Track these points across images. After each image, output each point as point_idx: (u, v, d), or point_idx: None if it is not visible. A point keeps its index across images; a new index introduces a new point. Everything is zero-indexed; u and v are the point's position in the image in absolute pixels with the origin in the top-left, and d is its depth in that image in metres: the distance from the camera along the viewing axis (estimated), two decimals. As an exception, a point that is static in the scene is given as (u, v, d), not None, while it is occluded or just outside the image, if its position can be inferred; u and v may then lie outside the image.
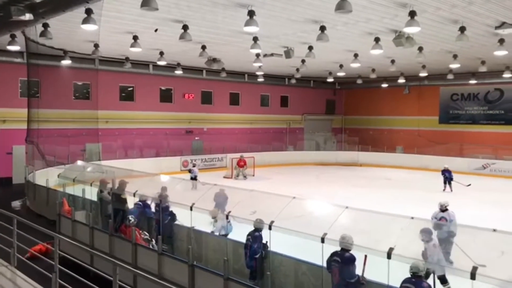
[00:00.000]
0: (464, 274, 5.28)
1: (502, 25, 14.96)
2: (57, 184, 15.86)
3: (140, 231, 10.46)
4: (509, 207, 18.85)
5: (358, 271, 6.75)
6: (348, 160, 33.28)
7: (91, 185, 12.56)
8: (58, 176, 15.08)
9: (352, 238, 6.73)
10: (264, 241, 8.22)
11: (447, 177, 22.09)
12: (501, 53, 17.94)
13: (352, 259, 6.70)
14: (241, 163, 26.87)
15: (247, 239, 8.36)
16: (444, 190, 21.87)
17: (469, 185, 21.53)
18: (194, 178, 21.21)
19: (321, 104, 39.50)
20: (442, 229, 7.65)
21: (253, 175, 27.29)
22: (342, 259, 6.77)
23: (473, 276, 5.26)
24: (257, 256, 8.20)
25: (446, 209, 10.91)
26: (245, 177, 26.61)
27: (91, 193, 12.68)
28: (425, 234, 7.06)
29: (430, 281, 6.18)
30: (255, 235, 8.28)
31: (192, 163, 27.48)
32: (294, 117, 37.42)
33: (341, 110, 40.75)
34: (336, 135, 38.84)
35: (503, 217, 16.83)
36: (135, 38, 17.31)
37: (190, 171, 23.28)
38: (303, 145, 36.67)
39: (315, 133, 37.81)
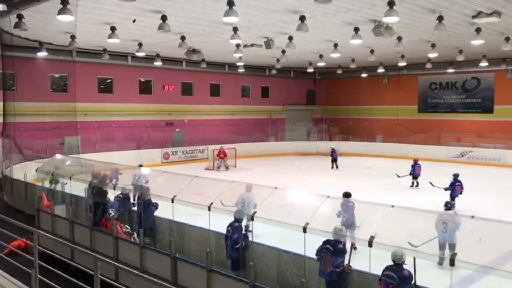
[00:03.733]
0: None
1: (479, 14, 15.16)
2: (35, 178, 15.61)
3: (122, 224, 10.37)
4: (486, 194, 19.26)
5: (345, 260, 6.86)
6: (329, 150, 33.49)
7: (70, 179, 12.38)
8: (36, 170, 14.82)
9: (344, 230, 6.83)
10: (244, 232, 8.24)
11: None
12: (477, 42, 18.19)
13: (344, 251, 6.88)
14: (221, 155, 26.83)
15: (228, 230, 8.40)
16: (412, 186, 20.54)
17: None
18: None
19: (301, 94, 39.59)
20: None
21: (235, 166, 27.28)
22: (335, 249, 6.87)
23: (452, 262, 5.35)
24: (237, 246, 8.24)
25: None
26: (227, 168, 26.59)
27: (71, 187, 12.51)
28: None
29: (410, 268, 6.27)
30: (235, 226, 8.32)
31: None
32: (275, 108, 37.46)
33: (322, 100, 40.93)
34: (317, 125, 39.07)
35: (480, 203, 17.20)
36: (112, 29, 17.03)
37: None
38: (284, 136, 36.79)
39: (296, 123, 37.93)
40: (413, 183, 20.60)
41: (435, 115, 34.29)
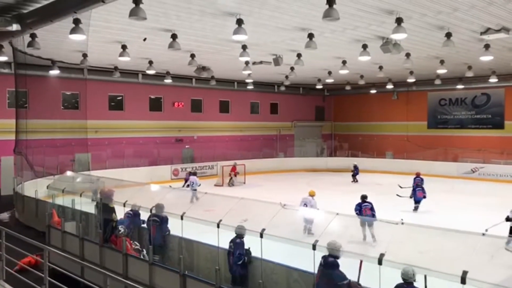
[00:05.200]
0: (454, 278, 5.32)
1: (487, 30, 15.18)
2: (46, 195, 15.71)
3: (131, 241, 10.39)
4: (497, 210, 19.01)
5: (353, 276, 6.80)
6: (338, 166, 33.42)
7: (80, 196, 12.47)
8: (47, 187, 14.95)
9: (338, 243, 6.79)
10: (246, 247, 8.28)
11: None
12: (486, 58, 18.19)
13: (335, 264, 6.83)
14: (235, 170, 27.08)
15: (230, 246, 8.41)
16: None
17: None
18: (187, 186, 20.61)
19: (310, 110, 39.67)
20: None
21: (244, 183, 27.28)
22: (325, 263, 6.91)
23: (463, 281, 5.30)
24: (240, 262, 8.23)
25: None
26: (232, 184, 26.62)
27: (81, 204, 12.59)
28: None
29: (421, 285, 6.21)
30: (237, 242, 8.33)
31: (190, 170, 25.12)
32: (284, 124, 37.52)
33: (331, 117, 40.95)
34: (326, 142, 39.01)
35: (492, 220, 16.96)
36: (123, 47, 17.29)
37: (186, 180, 21.57)
38: (293, 152, 36.78)
39: (305, 140, 37.93)
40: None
41: (445, 131, 34.11)
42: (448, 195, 20.58)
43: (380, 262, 6.00)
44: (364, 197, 14.31)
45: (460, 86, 30.16)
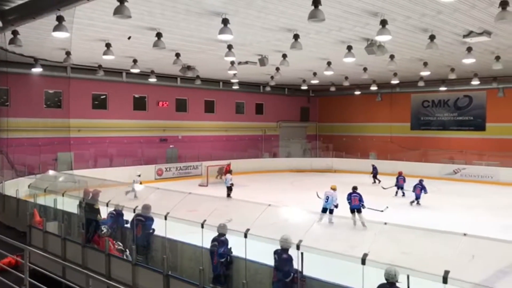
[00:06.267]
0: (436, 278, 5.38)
1: (470, 33, 15.41)
2: (27, 194, 15.48)
3: (114, 242, 10.29)
4: (479, 211, 19.32)
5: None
6: (323, 167, 33.61)
7: (63, 195, 12.31)
8: (29, 186, 14.74)
9: (290, 239, 7.08)
10: (229, 246, 8.30)
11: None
12: (469, 61, 18.43)
13: (289, 259, 7.12)
14: (229, 168, 27.08)
15: (213, 245, 8.39)
16: (396, 194, 22.74)
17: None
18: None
19: (295, 111, 39.81)
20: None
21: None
22: (279, 258, 7.17)
23: (445, 280, 5.36)
24: (223, 260, 8.24)
25: None
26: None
27: (63, 204, 12.43)
28: None
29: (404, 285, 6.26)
30: (220, 240, 8.32)
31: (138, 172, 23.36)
32: (269, 124, 37.58)
33: (315, 117, 41.14)
34: (311, 142, 39.17)
35: (473, 221, 17.25)
36: (107, 45, 17.12)
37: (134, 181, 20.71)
38: (278, 152, 36.87)
39: (290, 140, 38.04)
40: (396, 192, 22.90)
41: (427, 133, 34.53)
42: (431, 196, 20.81)
43: (363, 262, 6.03)
44: (354, 188, 16.71)
45: (443, 88, 30.53)
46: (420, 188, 20.35)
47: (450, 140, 33.14)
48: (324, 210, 16.10)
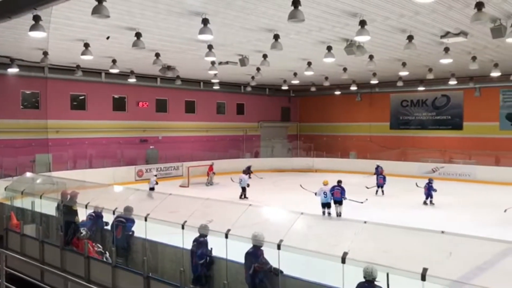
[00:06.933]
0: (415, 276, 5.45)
1: (447, 34, 15.65)
2: (4, 197, 15.18)
3: (93, 244, 10.17)
4: (457, 208, 19.64)
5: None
6: (304, 167, 33.76)
7: (41, 198, 12.11)
8: (5, 188, 14.45)
9: (263, 236, 7.31)
10: (209, 247, 8.31)
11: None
12: (446, 61, 18.72)
13: (257, 255, 7.35)
14: (212, 170, 27.59)
15: (193, 245, 8.39)
16: (376, 193, 23.11)
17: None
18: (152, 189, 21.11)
19: (276, 111, 39.91)
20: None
21: (211, 184, 27.23)
22: (250, 254, 7.42)
23: (423, 278, 5.43)
24: (202, 261, 8.24)
25: None
26: (210, 184, 27.21)
27: (41, 206, 12.23)
28: None
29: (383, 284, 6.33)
30: (200, 241, 8.32)
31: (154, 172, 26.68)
32: (250, 125, 37.58)
33: (296, 117, 41.31)
34: (292, 142, 39.32)
35: (451, 218, 17.54)
36: (86, 45, 16.89)
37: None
38: (259, 152, 36.90)
39: (271, 140, 38.12)
40: (377, 191, 23.18)
41: (406, 132, 34.97)
42: (410, 194, 21.11)
43: (343, 261, 6.08)
44: (339, 182, 17.83)
45: (421, 88, 30.96)
46: (382, 178, 22.72)
47: (429, 139, 33.64)
48: (324, 205, 17.20)
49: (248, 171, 28.21)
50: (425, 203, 20.40)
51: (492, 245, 5.99)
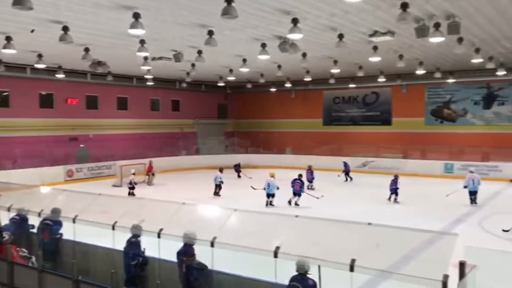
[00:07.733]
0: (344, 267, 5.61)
1: (375, 33, 16.26)
2: None
3: (18, 248, 9.62)
4: (384, 201, 20.51)
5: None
6: (241, 163, 33.83)
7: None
8: None
9: (194, 234, 7.31)
10: (142, 248, 8.17)
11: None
12: (375, 59, 19.48)
13: (189, 253, 7.36)
14: (151, 169, 26.94)
15: (125, 246, 8.23)
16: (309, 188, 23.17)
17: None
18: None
19: (213, 108, 39.75)
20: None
21: (147, 182, 26.61)
22: (181, 253, 7.44)
23: (351, 268, 5.60)
24: (135, 262, 8.08)
25: None
26: (151, 183, 26.57)
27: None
28: None
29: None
30: (132, 241, 8.16)
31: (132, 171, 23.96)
32: (186, 122, 37.17)
33: (233, 114, 41.35)
34: (229, 139, 39.33)
35: (380, 211, 18.30)
36: (8, 38, 15.95)
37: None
38: (196, 150, 36.57)
39: (208, 137, 37.91)
40: (308, 187, 23.04)
41: (338, 128, 36.07)
42: (341, 188, 21.78)
43: (275, 255, 6.16)
44: (300, 175, 19.84)
45: (352, 85, 32.02)
46: (310, 173, 23.68)
47: (359, 134, 34.89)
48: (268, 196, 18.88)
49: (238, 169, 29.22)
50: (389, 199, 20.50)
51: (418, 235, 6.27)
